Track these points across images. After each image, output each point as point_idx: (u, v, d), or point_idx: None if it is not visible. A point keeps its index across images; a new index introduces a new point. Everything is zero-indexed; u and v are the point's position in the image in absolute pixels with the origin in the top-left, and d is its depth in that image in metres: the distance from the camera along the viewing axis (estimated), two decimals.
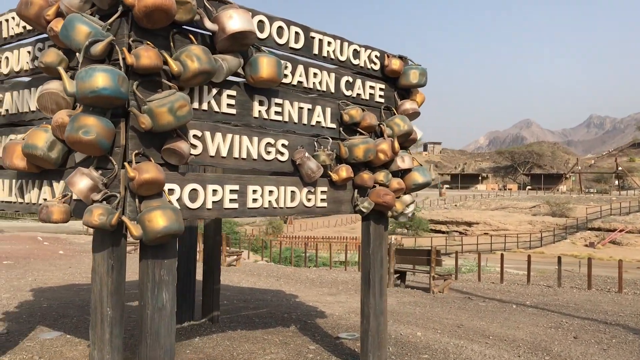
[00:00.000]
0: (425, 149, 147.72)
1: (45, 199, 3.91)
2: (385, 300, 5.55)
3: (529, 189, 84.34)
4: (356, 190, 5.06)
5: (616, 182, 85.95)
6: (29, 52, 4.15)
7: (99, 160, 3.55)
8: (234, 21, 3.74)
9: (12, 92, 4.30)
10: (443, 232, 52.48)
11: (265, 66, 4.02)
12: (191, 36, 3.75)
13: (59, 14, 3.60)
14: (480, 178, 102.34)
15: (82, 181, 3.39)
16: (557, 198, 62.16)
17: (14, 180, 4.19)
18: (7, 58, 4.33)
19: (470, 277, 17.93)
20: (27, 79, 4.27)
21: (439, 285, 12.82)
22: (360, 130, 4.98)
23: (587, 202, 59.41)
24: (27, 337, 6.60)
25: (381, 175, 5.14)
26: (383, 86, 5.33)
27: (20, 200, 4.14)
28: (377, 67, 5.25)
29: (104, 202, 3.44)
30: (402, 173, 5.40)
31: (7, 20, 4.34)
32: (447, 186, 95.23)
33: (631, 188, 79.61)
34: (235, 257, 17.51)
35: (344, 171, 4.78)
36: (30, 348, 6.10)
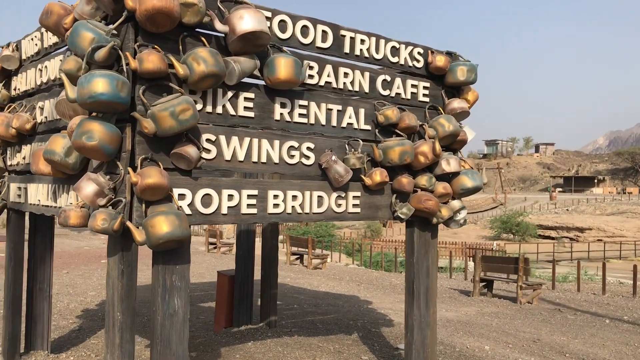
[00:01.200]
0: (537, 150, 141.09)
1: (71, 203, 4.00)
2: (433, 313, 5.22)
3: None
4: (395, 195, 4.78)
5: None
6: (61, 60, 4.28)
7: (109, 165, 3.58)
8: (245, 21, 3.63)
9: (49, 100, 4.46)
10: (552, 238, 49.67)
11: (282, 67, 3.88)
12: (203, 39, 3.69)
13: (75, 21, 3.67)
14: (596, 181, 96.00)
15: (88, 187, 3.42)
16: None
17: (49, 185, 4.34)
18: (45, 67, 4.51)
19: (570, 287, 16.75)
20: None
21: (527, 295, 12.04)
22: (399, 132, 4.71)
23: None
24: (95, 335, 6.89)
25: (423, 180, 4.84)
26: (428, 84, 5.02)
27: (54, 204, 4.28)
28: (420, 65, 4.95)
29: (111, 207, 3.46)
30: (450, 177, 5.05)
31: (46, 31, 4.51)
32: (560, 189, 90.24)
33: None
34: (320, 260, 17.49)
35: (378, 175, 4.53)
36: (92, 346, 6.35)
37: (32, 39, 4.78)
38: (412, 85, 4.92)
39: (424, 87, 5.00)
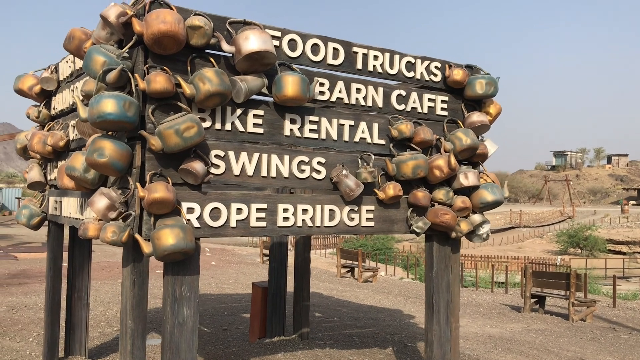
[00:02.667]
0: (609, 161, 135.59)
1: (93, 216, 4.23)
2: (455, 328, 5.17)
3: None
4: (411, 209, 4.79)
5: None
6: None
7: (122, 180, 3.79)
8: (250, 42, 3.77)
9: None
10: (623, 254, 47.43)
11: (289, 84, 4.00)
12: (211, 59, 3.86)
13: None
14: None
15: (100, 201, 3.64)
16: None
17: (78, 199, 4.62)
18: (77, 87, 4.80)
19: (635, 305, 15.98)
20: None
21: (580, 312, 11.61)
22: (414, 146, 4.73)
23: None
24: None
25: (440, 193, 4.83)
26: (446, 98, 5.02)
27: (81, 217, 4.54)
28: (437, 79, 4.97)
29: (122, 220, 3.66)
30: (470, 191, 5.01)
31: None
32: (633, 202, 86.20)
33: None
34: (371, 273, 17.42)
35: (392, 189, 4.56)
36: None
37: (67, 61, 5.10)
38: (429, 100, 4.93)
39: (442, 101, 5.00)
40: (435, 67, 4.95)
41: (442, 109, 5.01)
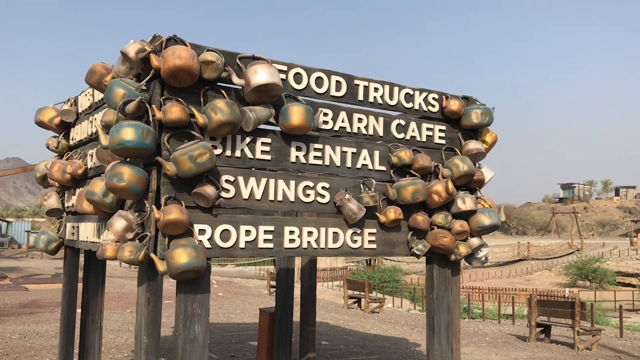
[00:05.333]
0: (617, 193, 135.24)
1: (111, 239, 4.49)
2: (456, 349, 5.33)
3: None
4: (411, 232, 5.02)
5: None
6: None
7: (138, 203, 4.05)
8: (259, 75, 4.07)
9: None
10: (633, 286, 47.06)
11: (295, 114, 4.28)
12: (222, 91, 4.16)
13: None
14: None
15: (118, 223, 3.89)
16: None
17: (95, 223, 4.88)
18: (95, 119, 5.11)
19: None
20: None
21: (585, 341, 11.66)
22: (413, 172, 4.99)
23: None
24: None
25: (439, 217, 5.06)
26: (444, 127, 5.30)
27: (98, 240, 4.80)
28: (435, 109, 5.25)
29: (138, 240, 3.91)
30: (468, 215, 5.24)
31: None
32: None
33: None
34: (378, 303, 17.49)
35: (392, 213, 4.80)
36: None
37: (86, 95, 5.43)
38: (428, 129, 5.20)
39: (440, 130, 5.27)
40: (433, 98, 5.24)
41: (440, 137, 5.28)
